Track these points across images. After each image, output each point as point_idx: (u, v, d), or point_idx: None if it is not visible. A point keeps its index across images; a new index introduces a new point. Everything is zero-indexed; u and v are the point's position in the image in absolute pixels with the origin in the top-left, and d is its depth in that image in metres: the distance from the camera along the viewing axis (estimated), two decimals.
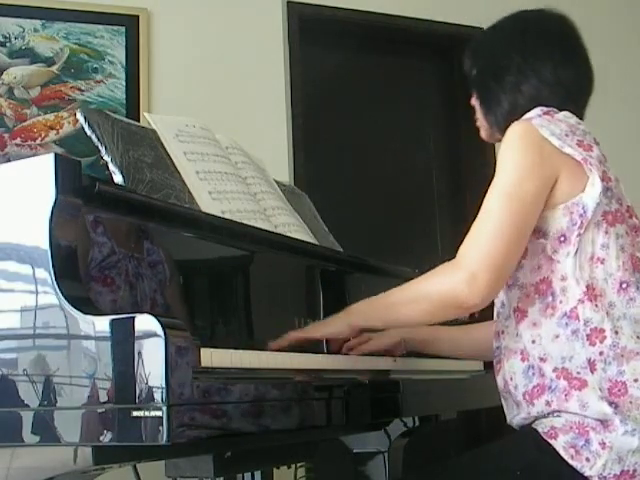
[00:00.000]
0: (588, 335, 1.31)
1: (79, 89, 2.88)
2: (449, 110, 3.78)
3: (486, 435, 3.39)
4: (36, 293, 1.07)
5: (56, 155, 1.11)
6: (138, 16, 2.98)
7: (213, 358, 1.11)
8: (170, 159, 1.60)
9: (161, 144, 1.61)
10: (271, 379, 1.19)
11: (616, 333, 1.31)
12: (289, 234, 1.75)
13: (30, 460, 1.11)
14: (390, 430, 1.89)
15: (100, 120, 1.49)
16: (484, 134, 1.59)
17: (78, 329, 1.02)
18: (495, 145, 3.53)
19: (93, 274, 1.16)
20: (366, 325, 1.53)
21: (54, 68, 2.87)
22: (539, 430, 1.32)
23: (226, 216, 1.58)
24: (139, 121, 2.46)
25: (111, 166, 1.45)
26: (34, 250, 1.08)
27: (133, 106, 2.89)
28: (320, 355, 1.44)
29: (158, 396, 0.95)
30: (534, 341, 1.36)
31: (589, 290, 1.33)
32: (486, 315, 1.55)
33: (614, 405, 1.28)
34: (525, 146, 1.36)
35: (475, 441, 3.35)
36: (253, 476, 1.88)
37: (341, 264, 1.86)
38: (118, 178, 1.44)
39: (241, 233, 1.53)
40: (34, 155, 2.69)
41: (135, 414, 0.96)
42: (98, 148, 1.46)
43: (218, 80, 3.07)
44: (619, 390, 1.29)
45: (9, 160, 2.59)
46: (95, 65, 2.91)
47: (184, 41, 3.06)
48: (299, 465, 2.29)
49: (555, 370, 1.33)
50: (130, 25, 2.96)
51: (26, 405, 1.05)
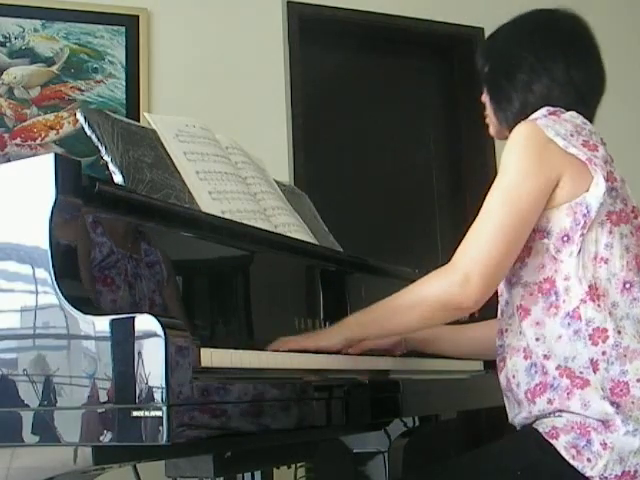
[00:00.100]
0: (590, 335, 1.31)
1: (79, 89, 2.88)
2: (449, 110, 3.78)
3: (486, 435, 3.39)
4: (36, 293, 1.07)
5: (56, 155, 1.11)
6: (138, 16, 2.98)
7: (213, 358, 1.11)
8: (170, 159, 1.60)
9: (161, 144, 1.61)
10: (271, 379, 1.19)
11: (619, 333, 1.31)
12: (289, 234, 1.75)
13: (30, 460, 1.11)
14: (390, 430, 1.89)
15: (100, 120, 1.49)
16: (493, 131, 1.59)
17: (78, 329, 1.02)
18: (495, 145, 3.55)
19: (94, 274, 1.16)
20: (363, 337, 1.52)
21: (54, 68, 2.87)
22: (540, 430, 1.32)
23: (226, 216, 1.58)
24: (139, 121, 2.46)
25: (111, 166, 1.45)
26: (34, 250, 1.08)
27: (133, 106, 2.89)
28: (320, 355, 1.43)
29: (158, 396, 0.95)
30: (538, 339, 1.36)
31: (591, 290, 1.33)
32: (487, 314, 1.55)
33: (616, 405, 1.28)
34: (528, 147, 1.35)
35: (475, 441, 3.35)
36: (253, 476, 1.88)
37: (341, 264, 1.86)
38: (118, 178, 1.44)
39: (241, 233, 1.53)
40: (34, 155, 2.69)
41: (135, 414, 0.96)
42: (98, 148, 1.46)
43: (218, 80, 3.07)
44: (621, 390, 1.29)
45: (9, 160, 2.59)
46: (95, 65, 2.91)
47: (184, 41, 3.06)
48: (299, 465, 2.29)
49: (558, 368, 1.32)
50: (130, 25, 2.97)
51: (26, 405, 1.05)
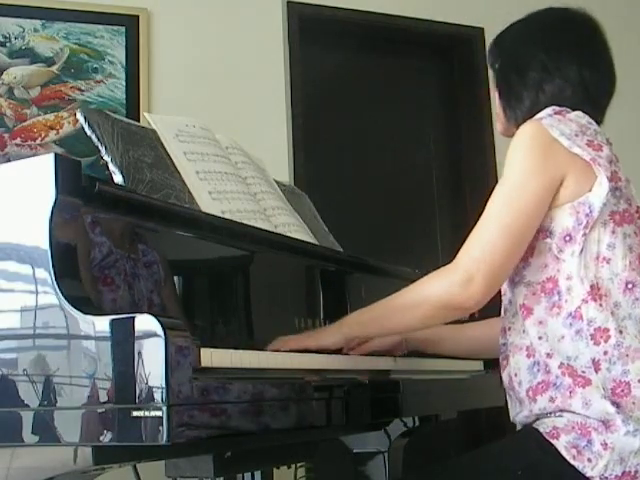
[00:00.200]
0: (592, 335, 1.31)
1: (79, 89, 2.88)
2: (449, 110, 3.78)
3: (486, 435, 3.40)
4: (36, 293, 1.07)
5: (56, 155, 1.11)
6: (138, 16, 2.98)
7: (213, 358, 1.11)
8: (170, 159, 1.60)
9: (161, 144, 1.61)
10: (271, 379, 1.19)
11: (620, 333, 1.31)
12: (289, 234, 1.75)
13: (30, 460, 1.11)
14: (390, 430, 1.90)
15: (100, 120, 1.49)
16: (500, 128, 1.59)
17: (78, 329, 1.02)
18: (495, 145, 3.55)
19: (93, 274, 1.16)
20: (363, 335, 1.53)
21: (54, 68, 2.87)
22: (541, 430, 1.32)
23: (226, 216, 1.57)
24: (139, 121, 2.46)
25: (111, 166, 1.45)
26: (34, 250, 1.08)
27: (133, 106, 2.89)
28: (320, 355, 1.43)
29: (158, 396, 0.95)
30: (541, 337, 1.36)
31: (593, 290, 1.33)
32: (487, 313, 1.55)
33: (616, 405, 1.28)
34: (533, 147, 1.35)
35: (475, 441, 3.35)
36: (253, 476, 1.88)
37: (341, 264, 1.86)
38: (118, 178, 1.44)
39: (241, 233, 1.53)
40: (34, 155, 2.69)
41: (135, 414, 0.96)
42: (98, 148, 1.46)
43: (218, 80, 3.06)
44: (622, 390, 1.29)
45: (9, 160, 2.59)
46: (95, 65, 2.91)
47: (184, 41, 3.06)
48: (299, 465, 2.29)
49: (561, 366, 1.32)
50: (130, 25, 2.97)
51: (26, 405, 1.05)
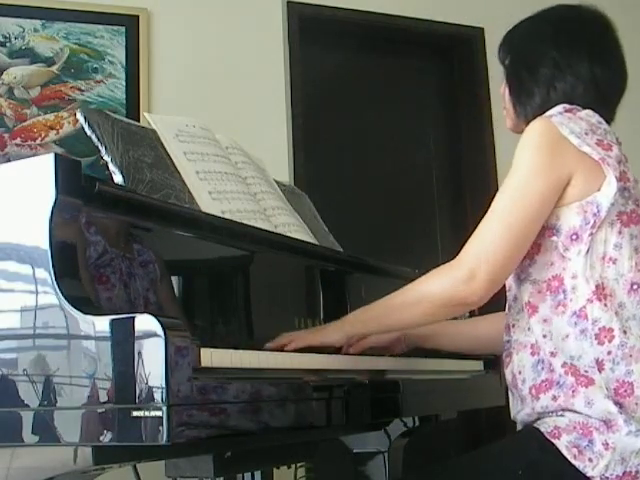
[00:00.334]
0: (596, 334, 1.31)
1: (79, 89, 2.88)
2: (449, 110, 3.78)
3: (486, 435, 3.40)
4: (36, 293, 1.07)
5: (56, 155, 1.11)
6: (138, 16, 2.98)
7: (213, 358, 1.11)
8: (170, 159, 1.60)
9: (161, 144, 1.61)
10: (271, 379, 1.19)
11: (624, 333, 1.31)
12: (289, 234, 1.75)
13: (30, 460, 1.11)
14: (390, 430, 1.90)
15: (100, 120, 1.49)
16: (510, 124, 1.58)
17: (78, 329, 1.02)
18: (495, 145, 3.55)
19: (93, 274, 1.16)
20: (364, 333, 1.53)
21: (54, 68, 2.87)
22: (542, 430, 1.32)
23: (226, 216, 1.57)
24: (139, 121, 2.46)
25: (111, 166, 1.45)
26: (34, 250, 1.08)
27: (133, 106, 2.89)
28: (320, 355, 1.43)
29: (158, 396, 0.95)
30: (545, 336, 1.36)
31: (598, 290, 1.33)
32: (486, 309, 1.55)
33: (619, 405, 1.28)
34: (541, 145, 1.35)
35: (475, 441, 3.35)
36: (253, 476, 1.88)
37: (341, 264, 1.86)
38: (118, 178, 1.44)
39: (241, 233, 1.53)
40: (34, 155, 2.69)
41: (135, 414, 0.96)
42: (98, 148, 1.46)
43: (218, 80, 3.06)
44: (625, 391, 1.29)
45: (9, 160, 2.59)
46: (95, 65, 2.91)
47: (184, 41, 3.06)
48: (299, 465, 2.29)
49: (564, 365, 1.32)
50: (130, 25, 2.96)
51: (26, 405, 1.05)
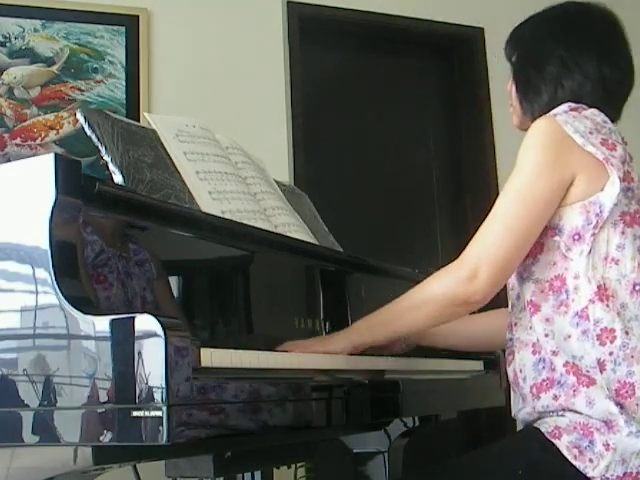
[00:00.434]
0: (598, 335, 1.31)
1: (79, 89, 2.88)
2: (449, 110, 3.78)
3: (486, 435, 3.39)
4: (36, 293, 1.07)
5: (56, 155, 1.11)
6: (138, 16, 2.98)
7: (213, 358, 1.11)
8: (170, 159, 1.60)
9: (161, 144, 1.61)
10: (271, 379, 1.19)
11: (626, 334, 1.31)
12: (289, 234, 1.75)
13: (30, 460, 1.11)
14: (390, 430, 1.90)
15: (100, 120, 1.49)
16: (516, 121, 1.58)
17: (78, 329, 1.02)
18: (495, 145, 3.55)
19: (93, 274, 1.16)
20: (371, 342, 1.49)
21: (54, 68, 2.87)
22: (542, 430, 1.32)
23: (226, 216, 1.57)
24: (139, 121, 2.46)
25: (111, 166, 1.45)
26: (34, 250, 1.08)
27: (133, 106, 2.89)
28: (320, 355, 1.43)
29: (158, 396, 0.95)
30: (547, 335, 1.36)
31: (600, 290, 1.32)
32: (485, 308, 1.54)
33: (620, 406, 1.28)
34: (545, 144, 1.34)
35: (475, 441, 3.35)
36: (253, 476, 1.88)
37: (341, 264, 1.86)
38: (118, 178, 1.44)
39: (241, 233, 1.53)
40: (34, 155, 2.69)
41: (135, 414, 0.96)
42: (98, 148, 1.46)
43: (218, 80, 3.06)
44: (627, 391, 1.29)
45: (9, 160, 2.59)
46: (95, 65, 2.91)
47: (184, 41, 3.06)
48: (299, 465, 2.29)
49: (566, 365, 1.32)
50: (130, 25, 2.96)
51: (26, 405, 1.05)
